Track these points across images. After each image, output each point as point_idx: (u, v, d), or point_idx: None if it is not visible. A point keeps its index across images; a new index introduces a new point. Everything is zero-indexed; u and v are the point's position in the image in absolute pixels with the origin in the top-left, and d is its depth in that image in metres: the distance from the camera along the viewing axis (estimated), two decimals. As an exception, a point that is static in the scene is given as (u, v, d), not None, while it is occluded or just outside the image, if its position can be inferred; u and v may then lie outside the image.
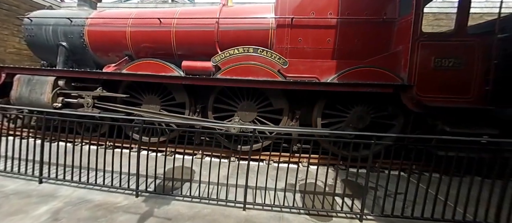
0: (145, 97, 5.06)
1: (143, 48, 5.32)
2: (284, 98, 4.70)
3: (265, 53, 4.55)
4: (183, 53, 5.23)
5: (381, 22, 4.50)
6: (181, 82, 4.59)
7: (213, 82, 4.54)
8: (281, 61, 4.52)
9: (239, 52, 4.61)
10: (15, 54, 8.96)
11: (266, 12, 4.94)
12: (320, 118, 4.61)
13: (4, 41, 8.66)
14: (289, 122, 4.80)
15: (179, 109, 5.06)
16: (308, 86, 4.32)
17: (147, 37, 5.21)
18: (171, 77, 4.65)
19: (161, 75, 4.67)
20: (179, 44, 5.15)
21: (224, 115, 4.93)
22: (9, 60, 7.90)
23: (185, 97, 4.94)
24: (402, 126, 4.53)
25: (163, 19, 5.12)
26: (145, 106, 5.05)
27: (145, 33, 5.19)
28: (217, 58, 4.65)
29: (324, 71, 4.55)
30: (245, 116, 4.82)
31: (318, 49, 4.70)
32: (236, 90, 4.79)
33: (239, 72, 4.58)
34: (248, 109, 4.77)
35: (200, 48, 5.13)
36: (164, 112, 4.97)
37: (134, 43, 5.27)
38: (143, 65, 4.90)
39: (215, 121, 4.71)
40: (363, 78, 4.28)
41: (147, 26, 5.19)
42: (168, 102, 5.07)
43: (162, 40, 5.17)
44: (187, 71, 4.83)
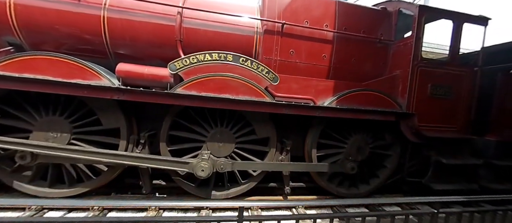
0: (39, 118, 2.26)
1: (44, 36, 2.63)
2: (271, 124, 2.78)
3: (250, 63, 2.62)
4: (124, 52, 2.75)
5: (377, 42, 3.20)
6: (111, 96, 2.10)
7: (169, 99, 2.32)
8: (270, 76, 2.66)
9: (212, 59, 2.52)
10: None
11: (250, 13, 3.00)
12: (315, 149, 2.87)
13: None
14: (277, 155, 2.88)
15: (108, 138, 2.71)
16: (309, 111, 2.94)
17: (52, 18, 2.55)
18: (91, 88, 2.21)
19: (63, 83, 2.10)
20: (115, 38, 2.85)
21: (186, 147, 2.65)
22: None
23: (120, 119, 2.42)
24: (398, 157, 3.25)
25: None
26: (38, 135, 2.26)
27: (48, 11, 2.47)
28: (178, 64, 2.43)
29: (320, 92, 2.96)
30: (218, 149, 2.71)
31: (312, 65, 3.12)
32: (205, 112, 2.61)
33: (211, 86, 2.55)
34: (223, 139, 2.70)
35: (152, 48, 2.80)
36: (77, 145, 2.33)
37: (24, 23, 2.52)
38: (36, 63, 2.17)
39: (172, 158, 2.38)
40: (362, 103, 3.13)
41: (52, 0, 2.47)
42: (87, 128, 2.66)
43: (83, 27, 2.64)
44: (126, 80, 2.36)
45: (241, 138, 3.04)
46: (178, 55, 2.99)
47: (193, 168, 2.60)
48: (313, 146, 3.18)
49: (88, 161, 2.46)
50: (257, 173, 3.14)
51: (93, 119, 2.66)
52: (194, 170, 2.59)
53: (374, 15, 3.52)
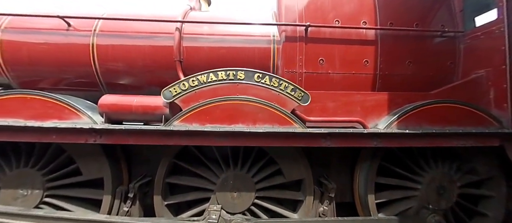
0: (9, 172, 1.56)
1: (33, 72, 2.08)
2: (304, 160, 1.73)
3: (268, 80, 1.70)
4: (117, 82, 2.15)
5: (439, 36, 2.07)
6: (86, 140, 1.32)
7: (161, 138, 1.52)
8: (297, 95, 1.73)
9: (218, 79, 1.66)
10: None
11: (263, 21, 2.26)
12: (373, 194, 1.69)
13: None
14: (317, 205, 1.77)
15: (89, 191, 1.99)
16: (363, 140, 1.94)
17: (40, 53, 2.04)
18: (60, 131, 1.67)
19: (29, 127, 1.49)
20: (106, 66, 2.33)
21: (190, 199, 1.76)
22: None
23: (104, 167, 1.62)
24: (505, 199, 1.88)
25: (73, 20, 2.16)
26: (6, 193, 1.55)
27: (35, 46, 2.03)
28: (174, 89, 1.67)
29: (368, 109, 1.95)
30: (232, 201, 1.71)
31: (351, 75, 2.15)
32: (213, 150, 1.68)
33: (218, 115, 1.74)
34: (238, 187, 1.77)
35: (148, 74, 2.15)
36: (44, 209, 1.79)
37: (11, 62, 2.04)
38: (9, 105, 1.60)
39: (167, 220, 1.49)
40: (438, 122, 2.02)
41: (38, 33, 2.00)
42: (63, 180, 1.98)
43: (72, 58, 2.03)
44: (111, 115, 1.61)
45: (263, 183, 2.05)
46: (177, 79, 2.26)
47: None
48: (369, 189, 2.04)
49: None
50: None
51: (71, 169, 1.93)
52: None
53: (428, 1, 2.50)
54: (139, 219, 1.78)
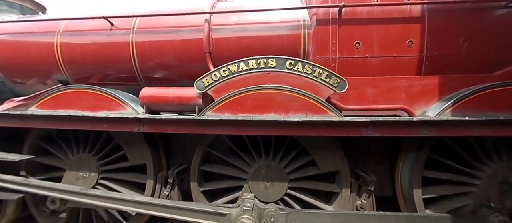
0: (71, 157, 1.78)
1: (86, 70, 2.29)
2: (340, 151, 1.55)
3: (301, 67, 1.53)
4: (153, 75, 2.24)
5: (502, 7, 1.65)
6: (132, 129, 1.39)
7: (196, 127, 1.47)
8: (333, 81, 1.54)
9: (248, 68, 1.57)
10: None
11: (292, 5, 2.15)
12: (419, 188, 1.43)
13: None
14: (354, 198, 1.59)
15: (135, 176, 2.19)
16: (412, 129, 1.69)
17: (90, 52, 2.16)
18: (111, 120, 1.85)
19: (85, 117, 1.57)
20: (144, 62, 2.49)
21: (223, 187, 1.78)
22: None
23: (146, 155, 1.71)
24: None
25: (115, 20, 2.39)
26: (69, 175, 1.76)
27: (86, 46, 2.16)
28: (206, 80, 1.64)
29: (415, 95, 1.64)
30: (264, 190, 1.64)
31: (392, 59, 1.85)
32: (244, 140, 1.63)
33: (249, 105, 1.62)
34: (271, 176, 1.69)
35: (180, 67, 2.15)
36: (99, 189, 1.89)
37: (68, 61, 2.30)
38: (67, 98, 1.77)
39: (204, 208, 1.47)
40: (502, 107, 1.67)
41: (88, 34, 2.18)
42: (114, 165, 2.18)
43: (115, 55, 2.17)
44: (150, 106, 1.68)
45: (296, 173, 1.97)
46: (207, 71, 2.27)
47: (235, 216, 1.66)
48: (415, 183, 1.81)
49: (110, 208, 1.85)
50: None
51: (120, 155, 2.10)
52: (236, 219, 1.64)
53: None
54: (179, 202, 1.86)
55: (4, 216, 2.38)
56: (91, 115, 1.84)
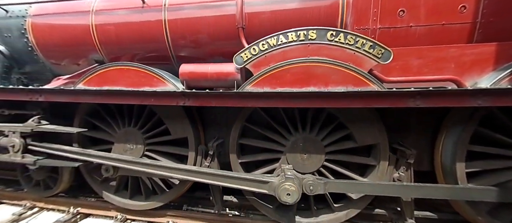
0: (118, 130, 1.91)
1: (119, 49, 2.35)
2: (379, 124, 1.51)
3: (343, 38, 1.42)
4: (185, 53, 2.26)
5: None
6: (177, 103, 1.44)
7: (237, 100, 1.49)
8: (377, 52, 1.42)
9: (288, 41, 1.49)
10: None
11: None
12: (463, 162, 1.38)
13: None
14: (391, 171, 1.59)
15: (177, 149, 2.27)
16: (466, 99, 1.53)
17: (124, 32, 2.22)
18: (157, 95, 1.86)
19: (134, 91, 1.57)
20: (176, 40, 2.50)
21: (261, 159, 2.04)
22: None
23: (187, 128, 1.79)
24: None
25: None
26: (118, 147, 1.91)
27: (120, 25, 2.20)
28: (245, 55, 1.61)
29: (466, 66, 1.48)
30: (301, 162, 1.68)
31: (441, 27, 1.67)
32: (281, 113, 1.63)
33: (289, 78, 1.58)
34: (308, 149, 1.85)
35: (213, 44, 2.13)
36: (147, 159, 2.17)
37: (103, 41, 2.33)
38: (111, 75, 1.83)
39: (247, 176, 1.53)
40: None
41: (121, 13, 2.17)
42: (157, 138, 2.29)
43: (149, 34, 2.17)
44: (190, 82, 1.72)
45: (333, 146, 1.97)
46: (241, 47, 2.23)
47: (275, 191, 1.74)
48: (459, 157, 1.76)
49: (160, 175, 2.00)
50: (358, 196, 2.00)
51: (162, 129, 2.21)
52: (277, 193, 1.73)
53: None
54: (223, 171, 1.95)
55: (61, 184, 2.66)
56: (140, 90, 1.91)
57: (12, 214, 2.53)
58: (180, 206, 2.60)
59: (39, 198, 2.71)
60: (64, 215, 2.52)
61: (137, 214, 2.48)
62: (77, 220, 2.52)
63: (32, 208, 2.67)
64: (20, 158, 2.15)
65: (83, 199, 2.74)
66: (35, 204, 2.69)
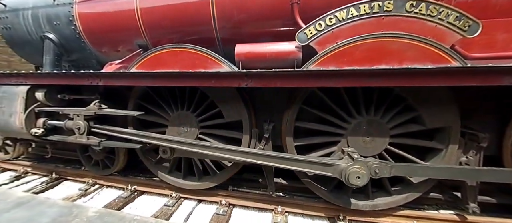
0: (171, 114, 1.89)
1: (163, 33, 2.28)
2: (453, 105, 1.34)
3: (424, 8, 1.18)
4: (231, 35, 2.09)
5: None
6: (239, 84, 1.35)
7: (305, 81, 1.41)
8: (462, 25, 1.15)
9: (359, 14, 1.29)
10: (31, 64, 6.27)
11: None
12: None
13: None
14: (458, 155, 1.44)
15: (231, 132, 2.24)
16: None
17: (168, 14, 2.15)
18: (219, 76, 1.75)
19: (193, 73, 1.48)
20: (223, 20, 2.34)
21: (316, 142, 1.88)
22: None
23: (242, 111, 1.72)
24: None
25: None
26: (172, 130, 1.91)
27: (164, 8, 2.08)
28: (309, 31, 1.41)
29: None
30: (363, 145, 1.59)
31: None
32: (342, 94, 1.53)
33: (358, 56, 1.41)
34: (371, 132, 1.72)
35: (262, 23, 1.98)
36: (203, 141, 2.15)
37: (148, 25, 2.24)
38: (164, 58, 1.76)
39: (312, 159, 1.48)
40: None
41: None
42: (210, 121, 2.26)
43: (195, 15, 2.03)
44: (246, 63, 1.60)
45: (399, 129, 1.84)
46: (293, 25, 2.06)
47: (343, 173, 1.68)
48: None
49: (219, 158, 2.00)
50: (419, 180, 1.90)
51: (215, 112, 2.17)
52: (344, 176, 1.66)
53: None
54: (288, 154, 1.91)
55: (118, 163, 2.77)
56: (202, 71, 1.83)
57: (79, 190, 2.70)
58: (226, 187, 2.65)
59: (99, 176, 2.87)
60: (124, 192, 2.66)
61: (189, 193, 2.56)
62: (135, 196, 2.66)
63: (94, 184, 2.84)
64: (86, 140, 2.23)
65: (138, 178, 2.86)
66: (95, 181, 2.85)
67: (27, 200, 2.20)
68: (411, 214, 2.08)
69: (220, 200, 2.43)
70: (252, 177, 2.69)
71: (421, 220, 2.03)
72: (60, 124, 2.36)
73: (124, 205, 2.46)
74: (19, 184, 2.93)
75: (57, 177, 3.02)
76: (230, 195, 2.46)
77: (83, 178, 2.94)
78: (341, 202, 2.12)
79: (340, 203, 2.12)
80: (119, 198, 2.54)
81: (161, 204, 2.49)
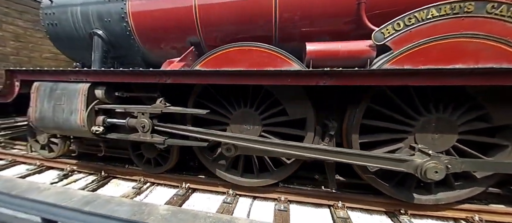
0: (233, 112, 1.95)
1: (219, 31, 2.31)
2: None
3: (505, 10, 1.24)
4: (289, 34, 2.18)
5: None
6: (317, 82, 1.43)
7: (387, 79, 1.48)
8: None
9: (439, 15, 1.35)
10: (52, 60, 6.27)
11: None
12: None
13: (39, 45, 5.98)
14: None
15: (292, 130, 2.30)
16: None
17: (228, 11, 2.15)
18: (296, 75, 1.90)
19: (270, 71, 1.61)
20: (285, 18, 2.41)
21: (381, 139, 2.00)
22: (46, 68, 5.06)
23: (308, 109, 1.79)
24: None
25: None
26: (234, 127, 1.97)
27: (224, 5, 2.10)
28: (386, 31, 1.48)
29: None
30: (431, 141, 1.68)
31: None
32: (412, 93, 1.77)
33: (434, 55, 1.54)
34: (440, 128, 1.83)
35: (325, 21, 2.04)
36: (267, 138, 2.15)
37: (205, 23, 2.28)
38: (231, 56, 1.82)
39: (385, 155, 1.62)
40: None
41: None
42: (273, 119, 2.31)
43: (256, 12, 2.07)
44: (316, 61, 1.66)
45: (467, 126, 1.92)
46: (357, 24, 2.11)
47: (418, 168, 1.75)
48: None
49: (290, 155, 2.06)
50: (483, 175, 1.99)
51: (278, 110, 2.22)
52: (421, 171, 1.74)
53: None
54: (356, 150, 1.98)
55: (171, 161, 2.82)
56: (279, 70, 1.89)
57: (133, 188, 2.74)
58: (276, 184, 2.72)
59: (149, 174, 2.91)
60: (179, 190, 2.71)
61: (244, 190, 2.62)
62: (189, 194, 2.71)
63: (145, 183, 2.88)
64: (150, 138, 2.27)
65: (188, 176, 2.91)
66: (146, 180, 2.89)
67: (92, 199, 2.23)
68: (472, 208, 2.18)
69: (279, 196, 2.50)
70: (306, 175, 2.76)
71: (482, 213, 2.12)
72: (122, 122, 2.39)
73: (182, 203, 2.51)
74: (69, 182, 2.96)
75: (106, 176, 3.05)
76: (288, 192, 2.53)
77: (133, 177, 2.98)
78: (404, 197, 2.20)
79: (403, 198, 2.20)
80: (176, 196, 2.59)
81: (216, 201, 2.55)
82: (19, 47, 6.13)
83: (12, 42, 5.96)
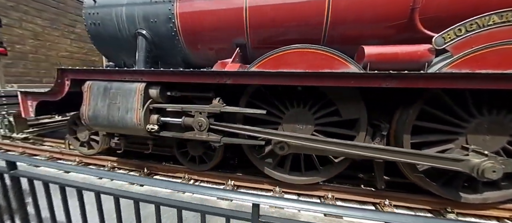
0: (286, 112, 2.05)
1: (267, 33, 2.40)
2: None
3: None
4: (338, 37, 2.32)
5: None
6: (380, 84, 1.53)
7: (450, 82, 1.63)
8: None
9: (500, 21, 1.47)
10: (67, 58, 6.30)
11: None
12: None
13: (56, 44, 6.00)
14: None
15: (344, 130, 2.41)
16: None
17: (278, 14, 2.23)
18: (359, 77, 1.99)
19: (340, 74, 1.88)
20: (336, 21, 2.52)
21: (432, 140, 2.23)
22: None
23: (362, 110, 1.91)
24: None
25: None
26: (287, 127, 2.08)
27: (276, 7, 2.19)
28: (447, 36, 1.61)
29: None
30: (483, 142, 1.84)
31: None
32: (467, 96, 2.05)
33: (492, 60, 1.63)
34: (492, 130, 2.08)
35: (375, 25, 2.19)
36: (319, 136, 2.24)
37: (254, 24, 2.40)
38: (288, 58, 1.95)
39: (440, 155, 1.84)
40: None
41: None
42: (325, 119, 2.41)
43: (307, 15, 2.16)
44: (374, 64, 1.80)
45: (517, 128, 2.04)
46: (410, 29, 2.22)
47: (474, 168, 1.87)
48: None
49: (346, 154, 2.16)
50: None
51: (331, 111, 2.32)
52: (478, 171, 1.86)
53: None
54: (413, 150, 2.08)
55: (216, 159, 2.91)
56: (343, 72, 1.98)
57: (181, 185, 2.82)
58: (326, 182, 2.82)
59: (192, 171, 3.00)
60: (225, 186, 2.80)
61: (290, 187, 2.72)
62: (235, 191, 2.80)
63: (189, 180, 2.97)
64: (206, 136, 2.35)
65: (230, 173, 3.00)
66: (190, 177, 2.98)
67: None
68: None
69: (326, 194, 2.60)
70: (351, 173, 2.87)
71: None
72: (178, 121, 2.46)
73: (231, 200, 2.59)
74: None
75: (148, 173, 3.13)
76: (334, 189, 2.64)
77: (176, 174, 3.07)
78: (451, 196, 2.33)
79: (451, 197, 2.32)
80: (225, 192, 2.67)
81: (264, 198, 2.64)
82: (37, 45, 6.15)
83: (31, 40, 5.97)
